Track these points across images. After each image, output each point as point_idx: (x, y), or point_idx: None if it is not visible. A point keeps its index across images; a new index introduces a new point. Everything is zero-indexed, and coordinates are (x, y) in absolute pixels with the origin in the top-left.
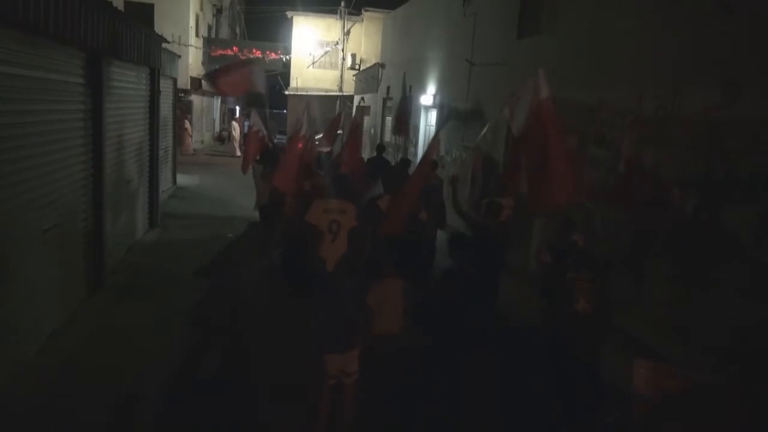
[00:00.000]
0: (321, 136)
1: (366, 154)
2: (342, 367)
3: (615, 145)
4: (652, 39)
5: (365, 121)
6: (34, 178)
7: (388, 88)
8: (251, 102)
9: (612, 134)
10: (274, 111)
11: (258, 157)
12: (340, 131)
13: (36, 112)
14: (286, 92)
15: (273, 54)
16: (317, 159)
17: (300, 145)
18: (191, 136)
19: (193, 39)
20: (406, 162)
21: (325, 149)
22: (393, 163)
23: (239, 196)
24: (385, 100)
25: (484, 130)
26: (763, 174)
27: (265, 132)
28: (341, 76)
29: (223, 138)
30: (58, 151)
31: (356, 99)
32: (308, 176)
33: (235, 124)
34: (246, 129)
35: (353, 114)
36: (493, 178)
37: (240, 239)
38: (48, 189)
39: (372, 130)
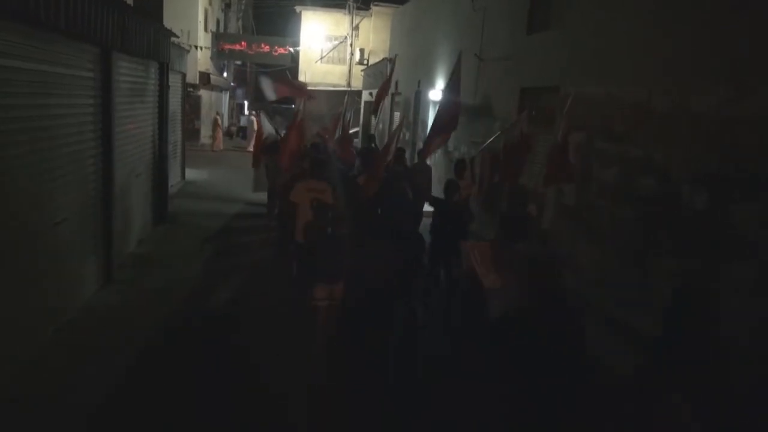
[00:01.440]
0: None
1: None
2: (329, 294)
3: (624, 141)
4: (662, 35)
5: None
6: (45, 171)
7: (397, 83)
8: (259, 98)
9: (621, 130)
10: (282, 106)
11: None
12: (356, 129)
13: (46, 106)
14: None
15: (281, 49)
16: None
17: (296, 132)
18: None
19: (201, 33)
20: (401, 150)
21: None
22: None
23: (249, 190)
24: (393, 96)
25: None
26: (764, 173)
27: (275, 135)
28: (350, 71)
29: (231, 133)
30: (68, 145)
31: (364, 94)
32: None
33: (253, 118)
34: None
35: (362, 110)
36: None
37: (246, 228)
38: (58, 183)
39: (380, 126)
